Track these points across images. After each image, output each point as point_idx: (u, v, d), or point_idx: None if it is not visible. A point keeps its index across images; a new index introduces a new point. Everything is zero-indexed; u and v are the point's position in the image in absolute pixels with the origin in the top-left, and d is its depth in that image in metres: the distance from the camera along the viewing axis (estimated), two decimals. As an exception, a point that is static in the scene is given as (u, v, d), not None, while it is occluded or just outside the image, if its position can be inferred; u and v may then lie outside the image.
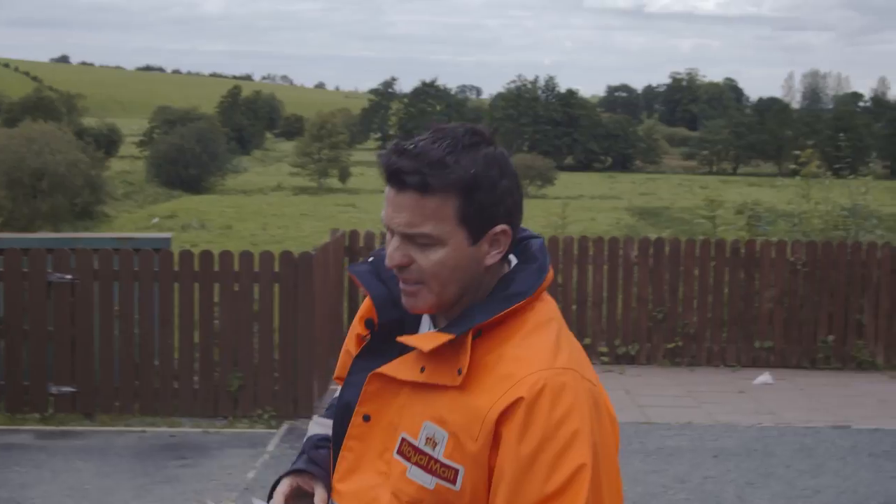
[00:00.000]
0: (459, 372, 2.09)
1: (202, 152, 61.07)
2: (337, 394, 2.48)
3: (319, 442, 2.46)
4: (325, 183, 63.49)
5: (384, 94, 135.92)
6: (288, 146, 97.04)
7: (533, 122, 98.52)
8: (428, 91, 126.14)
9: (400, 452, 2.15)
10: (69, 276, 9.32)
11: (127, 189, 53.95)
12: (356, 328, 2.40)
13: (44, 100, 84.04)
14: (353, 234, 12.04)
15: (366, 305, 2.38)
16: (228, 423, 9.39)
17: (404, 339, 2.17)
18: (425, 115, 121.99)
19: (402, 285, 2.17)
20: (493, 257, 2.17)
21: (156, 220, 38.93)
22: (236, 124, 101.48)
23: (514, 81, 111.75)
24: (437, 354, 2.12)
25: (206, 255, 9.50)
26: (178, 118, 76.09)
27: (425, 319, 2.26)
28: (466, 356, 2.10)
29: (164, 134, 69.47)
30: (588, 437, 2.04)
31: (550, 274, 2.22)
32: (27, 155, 38.19)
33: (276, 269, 9.43)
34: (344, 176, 65.49)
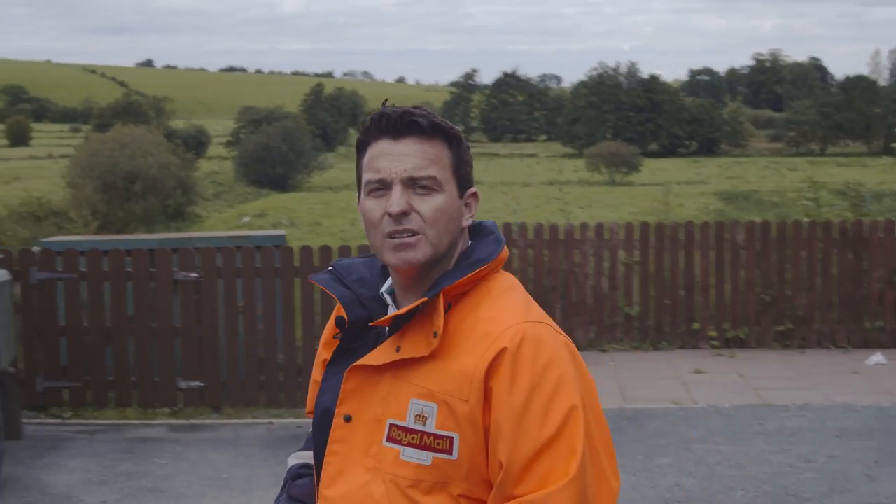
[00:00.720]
0: (435, 335, 2.15)
1: (288, 150, 61.54)
2: (294, 462, 2.55)
3: (300, 470, 2.49)
4: (410, 177, 63.71)
5: (465, 86, 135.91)
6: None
7: (616, 109, 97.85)
8: (509, 81, 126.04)
9: (390, 439, 2.18)
10: (194, 275, 9.61)
11: (217, 189, 54.64)
12: (321, 356, 2.46)
13: (132, 104, 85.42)
14: (462, 226, 12.20)
15: (327, 332, 2.45)
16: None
17: (379, 321, 2.24)
18: (507, 105, 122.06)
19: (397, 240, 2.20)
20: (466, 220, 2.30)
21: (246, 218, 39.41)
22: (320, 121, 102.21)
23: (595, 69, 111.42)
24: (410, 330, 2.20)
25: (325, 251, 9.75)
26: (264, 117, 76.79)
27: (390, 311, 2.30)
28: (440, 318, 2.16)
29: (251, 133, 70.14)
30: (573, 380, 2.13)
31: (506, 249, 2.31)
32: (120, 159, 38.84)
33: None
34: (429, 169, 65.67)
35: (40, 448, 8.65)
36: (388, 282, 2.34)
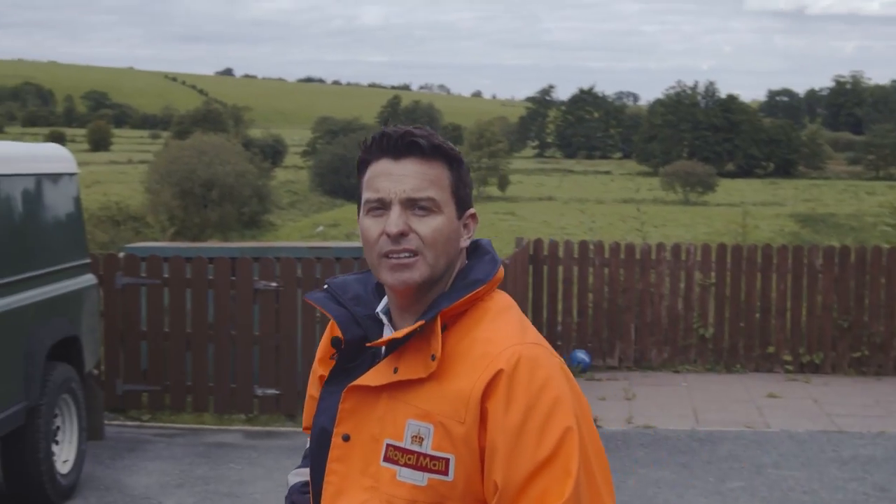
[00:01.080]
0: (433, 358, 2.15)
1: (364, 162, 61.99)
2: (308, 445, 2.55)
3: (304, 488, 2.48)
4: (484, 191, 63.86)
5: (541, 101, 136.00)
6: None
7: (693, 128, 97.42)
8: (585, 98, 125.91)
9: (387, 459, 2.18)
10: (274, 284, 9.76)
11: (291, 198, 55.16)
12: (317, 372, 2.46)
13: (212, 112, 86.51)
14: (538, 243, 12.27)
15: (322, 348, 2.45)
16: (424, 426, 9.69)
17: (377, 342, 2.23)
18: (583, 122, 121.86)
19: (394, 260, 2.19)
20: (464, 241, 2.29)
21: (320, 228, 39.78)
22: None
23: (672, 87, 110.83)
24: (408, 352, 2.19)
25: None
26: (340, 128, 77.58)
27: (387, 332, 2.29)
28: (438, 341, 2.16)
29: (327, 144, 70.79)
30: (568, 402, 2.13)
31: (502, 269, 2.30)
32: (198, 166, 39.35)
33: (471, 277, 9.70)
34: (503, 184, 65.83)
35: (120, 449, 8.83)
36: (384, 301, 2.33)
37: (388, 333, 2.28)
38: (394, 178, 2.20)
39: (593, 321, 12.15)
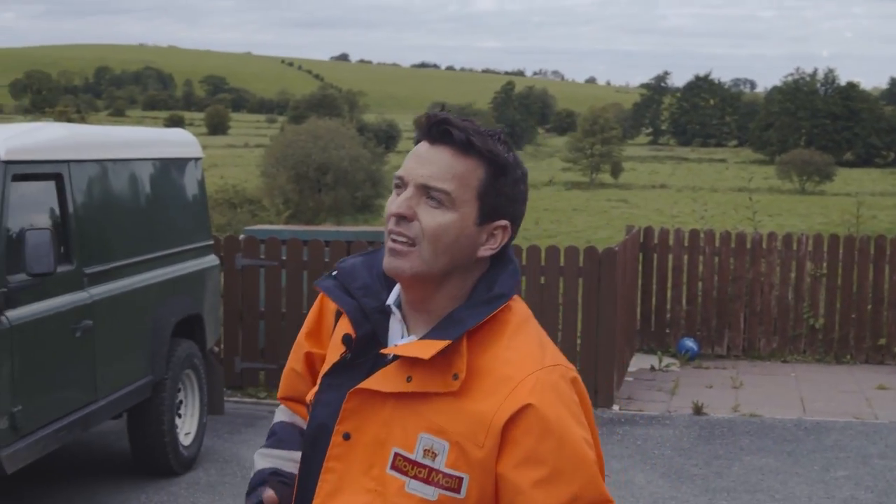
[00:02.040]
0: (455, 377, 2.07)
1: (477, 148, 62.15)
2: (276, 419, 2.52)
3: (274, 477, 2.40)
4: (597, 178, 63.64)
5: (656, 88, 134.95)
6: (559, 141, 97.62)
7: (811, 116, 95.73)
8: (701, 85, 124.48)
9: (395, 468, 2.11)
10: (388, 267, 10.00)
11: (405, 183, 55.59)
12: (303, 347, 2.41)
13: (327, 97, 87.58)
14: (648, 231, 12.35)
15: (311, 321, 2.40)
16: (532, 409, 9.87)
17: (398, 350, 2.13)
18: (698, 109, 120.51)
19: (391, 243, 2.13)
20: (486, 250, 2.16)
21: (431, 213, 40.03)
22: (509, 120, 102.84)
23: (791, 74, 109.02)
24: (424, 363, 2.09)
25: (514, 250, 10.00)
26: (454, 114, 77.63)
27: (396, 329, 2.22)
28: (463, 361, 2.08)
29: (440, 129, 70.99)
30: (584, 432, 2.10)
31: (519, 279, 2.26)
32: (313, 150, 39.87)
33: (581, 263, 9.87)
34: (616, 171, 65.49)
35: (237, 424, 9.17)
36: (396, 292, 2.24)
37: (398, 328, 2.21)
38: (421, 160, 2.13)
39: (702, 309, 12.19)
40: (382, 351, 2.16)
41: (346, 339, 2.20)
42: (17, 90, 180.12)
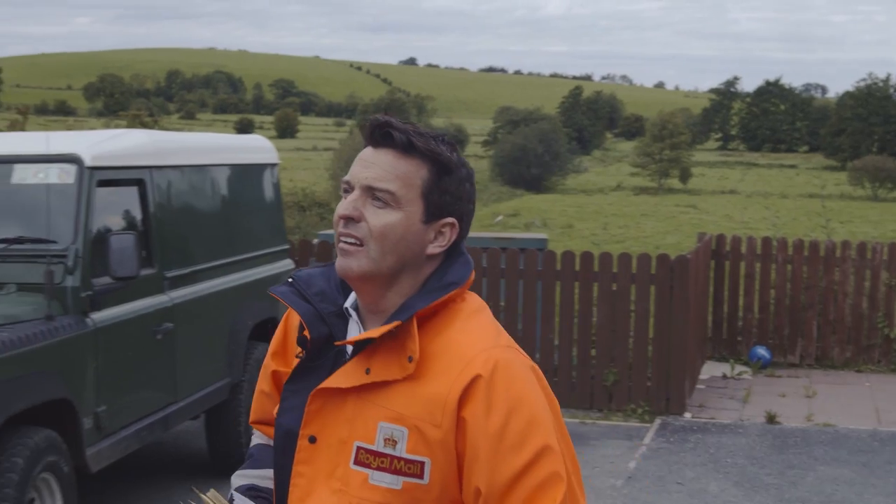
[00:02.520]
0: (410, 359, 2.11)
1: (544, 152, 62.11)
2: (252, 443, 2.55)
3: (249, 492, 2.43)
4: (665, 183, 63.28)
5: (726, 93, 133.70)
6: (627, 146, 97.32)
7: (883, 122, 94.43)
8: (771, 90, 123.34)
9: (358, 462, 2.14)
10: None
11: (472, 187, 55.58)
12: (269, 367, 2.43)
13: (396, 101, 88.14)
14: (720, 238, 12.29)
15: (276, 342, 2.43)
16: (603, 415, 9.89)
17: (348, 340, 2.19)
18: (768, 114, 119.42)
19: (340, 244, 2.18)
20: (434, 247, 2.20)
21: (499, 217, 40.02)
22: (577, 124, 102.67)
23: (863, 80, 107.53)
24: (380, 352, 2.14)
25: (587, 256, 10.05)
26: (522, 118, 77.88)
27: (354, 331, 2.24)
28: (415, 342, 2.11)
29: (508, 134, 71.18)
30: (545, 412, 2.11)
31: (473, 272, 2.27)
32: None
33: (653, 270, 9.86)
34: (685, 177, 65.09)
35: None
36: (353, 296, 2.28)
37: (355, 331, 2.24)
38: (366, 164, 2.17)
39: (775, 318, 12.12)
40: (336, 343, 2.21)
41: (301, 341, 2.25)
42: (91, 93, 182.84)
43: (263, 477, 2.43)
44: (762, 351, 11.88)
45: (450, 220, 2.21)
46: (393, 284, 2.19)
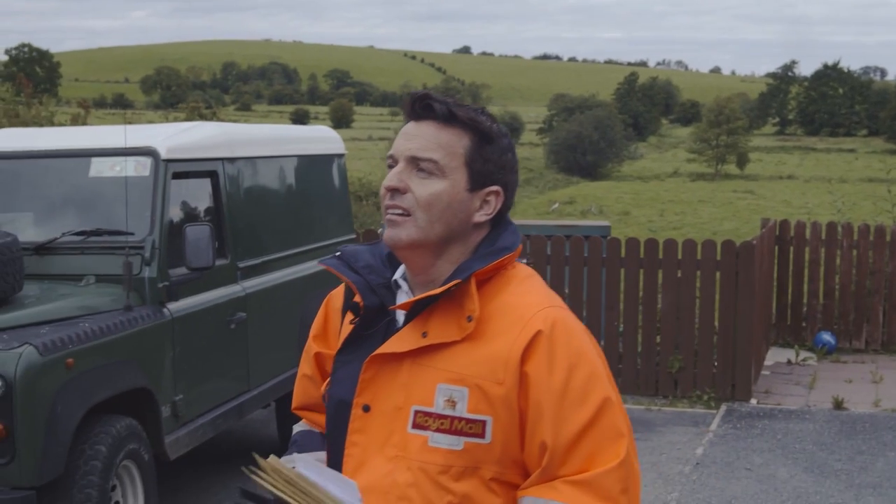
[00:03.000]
0: (469, 319, 2.14)
1: (599, 139, 61.92)
2: (295, 430, 2.55)
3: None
4: (722, 169, 62.81)
5: (783, 77, 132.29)
6: (683, 132, 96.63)
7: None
8: (829, 74, 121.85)
9: (416, 426, 2.15)
10: (525, 261, 10.08)
11: (527, 175, 55.50)
12: (312, 350, 2.47)
13: (450, 90, 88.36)
14: (784, 224, 12.23)
15: (317, 324, 2.48)
16: (669, 402, 9.90)
17: (412, 300, 2.20)
18: (827, 98, 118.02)
19: (388, 215, 2.20)
20: (481, 216, 2.24)
21: (555, 205, 39.95)
22: (632, 111, 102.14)
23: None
24: (436, 315, 2.18)
25: (651, 243, 10.05)
26: (577, 105, 77.68)
27: (403, 298, 2.27)
28: (474, 301, 2.15)
29: (563, 121, 71.04)
30: (603, 367, 2.18)
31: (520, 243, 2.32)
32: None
33: (718, 257, 9.84)
34: (742, 162, 64.57)
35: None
36: (402, 269, 2.32)
37: (405, 299, 2.26)
38: (409, 137, 2.23)
39: (840, 303, 12.04)
40: (396, 306, 2.24)
41: (354, 307, 2.29)
42: (148, 86, 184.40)
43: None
44: (827, 336, 11.82)
45: (494, 188, 2.26)
46: (442, 253, 2.23)
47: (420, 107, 2.23)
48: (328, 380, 2.33)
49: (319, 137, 8.91)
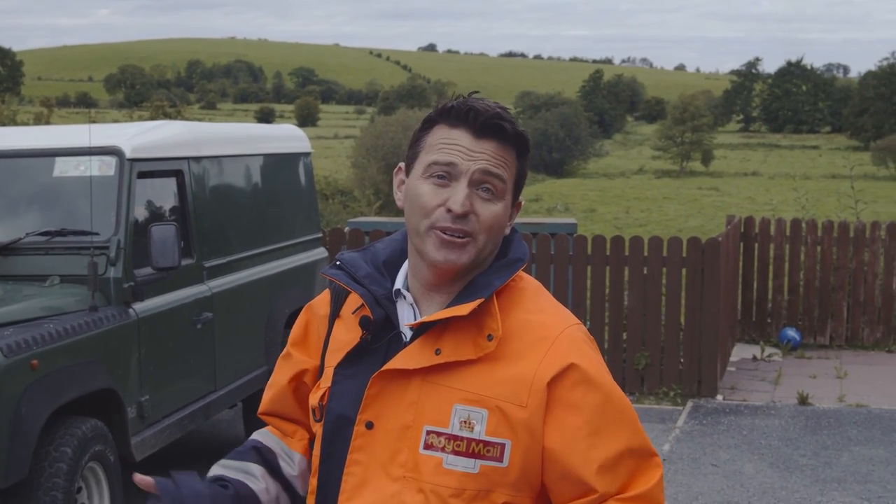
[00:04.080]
0: (490, 338, 2.06)
1: (565, 137, 62.10)
2: (254, 435, 2.45)
3: (211, 482, 2.33)
4: (687, 166, 63.08)
5: (747, 74, 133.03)
6: (648, 129, 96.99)
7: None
8: (793, 71, 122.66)
9: (428, 447, 2.06)
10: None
11: (494, 173, 55.55)
12: (291, 356, 2.37)
13: (416, 88, 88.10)
14: (749, 221, 12.30)
15: (298, 331, 2.37)
16: (635, 399, 9.94)
17: (434, 316, 2.10)
18: (790, 95, 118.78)
19: (447, 237, 2.07)
20: (507, 228, 2.19)
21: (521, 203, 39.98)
22: (598, 108, 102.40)
23: (886, 59, 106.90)
24: (450, 331, 2.08)
25: (618, 240, 10.08)
26: (542, 103, 77.58)
27: (406, 312, 2.19)
28: (496, 320, 2.07)
29: (529, 119, 71.08)
30: (618, 390, 2.13)
31: None
32: (403, 141, 39.92)
33: (684, 254, 9.89)
34: (706, 159, 64.84)
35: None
36: (401, 277, 2.22)
37: (408, 312, 2.18)
38: (470, 153, 2.09)
39: (804, 299, 12.12)
40: (408, 324, 2.14)
41: (364, 322, 2.15)
42: (112, 85, 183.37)
43: (240, 470, 2.35)
44: (792, 332, 11.90)
45: (519, 199, 2.21)
46: (477, 266, 2.16)
47: (489, 125, 2.09)
48: (322, 392, 2.22)
49: (285, 136, 8.89)
